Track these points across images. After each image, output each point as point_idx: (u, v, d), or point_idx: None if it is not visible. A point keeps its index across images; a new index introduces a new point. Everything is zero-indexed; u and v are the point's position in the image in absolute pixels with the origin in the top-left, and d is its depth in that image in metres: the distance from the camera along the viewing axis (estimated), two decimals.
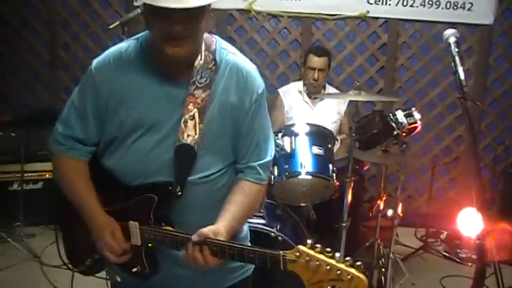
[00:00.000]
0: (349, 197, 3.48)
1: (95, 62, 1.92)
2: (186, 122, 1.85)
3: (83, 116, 1.92)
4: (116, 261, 1.93)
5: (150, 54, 1.88)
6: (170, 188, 1.86)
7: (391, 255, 3.69)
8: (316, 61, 4.27)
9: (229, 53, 1.94)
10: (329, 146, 3.60)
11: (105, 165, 1.96)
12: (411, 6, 4.92)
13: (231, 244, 1.75)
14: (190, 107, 1.85)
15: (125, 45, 1.94)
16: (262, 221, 3.25)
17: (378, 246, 4.00)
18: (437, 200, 5.21)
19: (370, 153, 3.77)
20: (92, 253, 2.03)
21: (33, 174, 4.76)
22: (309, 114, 4.34)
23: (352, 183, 3.48)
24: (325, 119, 4.26)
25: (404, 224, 4.38)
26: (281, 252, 1.68)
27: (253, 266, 2.12)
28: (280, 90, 4.54)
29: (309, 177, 3.44)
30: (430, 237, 4.90)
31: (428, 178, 5.09)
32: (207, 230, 1.76)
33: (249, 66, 1.96)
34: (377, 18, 5.02)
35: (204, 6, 1.73)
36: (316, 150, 3.49)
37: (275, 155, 3.41)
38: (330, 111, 4.38)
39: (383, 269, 3.87)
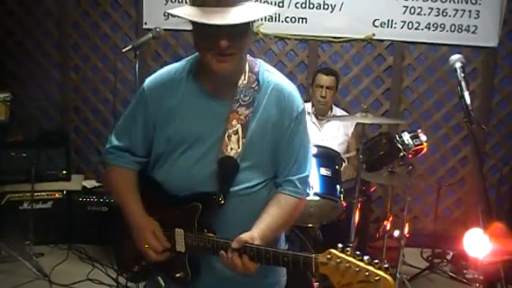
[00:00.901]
0: (356, 218, 3.51)
1: (147, 81, 2.09)
2: (229, 136, 1.98)
3: (133, 130, 2.10)
4: (156, 259, 2.04)
5: (198, 73, 2.02)
6: (214, 197, 1.96)
7: (397, 275, 3.72)
8: (324, 79, 4.36)
9: (271, 74, 2.08)
10: (336, 167, 3.65)
11: (154, 178, 2.10)
12: (416, 29, 4.98)
13: (266, 248, 1.84)
14: (234, 122, 1.98)
15: (175, 66, 2.09)
16: None
17: None
18: (443, 220, 5.24)
19: (376, 174, 3.82)
20: (139, 261, 2.13)
21: (43, 193, 4.82)
22: (317, 135, 4.40)
23: (359, 204, 3.52)
24: (332, 140, 4.32)
25: (411, 244, 4.40)
26: (313, 255, 1.75)
27: (282, 287, 2.21)
28: None
29: (317, 198, 3.49)
30: (436, 258, 4.91)
31: (434, 199, 5.12)
32: (245, 236, 1.86)
33: (290, 86, 2.09)
34: (382, 40, 5.08)
35: (247, 24, 1.84)
36: (324, 171, 3.54)
37: None
38: (337, 133, 4.44)
39: None
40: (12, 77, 5.41)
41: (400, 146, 3.61)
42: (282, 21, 5.07)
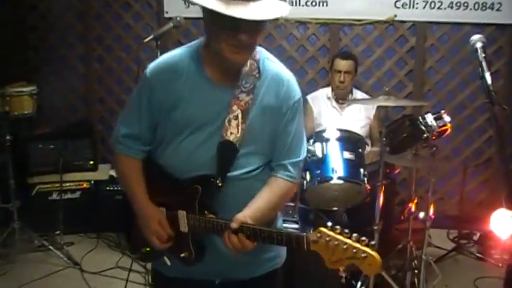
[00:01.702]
0: (381, 201, 3.52)
1: (149, 67, 2.12)
2: (229, 121, 2.03)
3: (138, 116, 2.13)
4: (161, 247, 2.13)
5: (202, 60, 2.06)
6: (212, 180, 2.03)
7: (423, 256, 3.72)
8: (342, 64, 4.35)
9: (271, 62, 2.12)
10: (360, 150, 3.65)
11: (158, 162, 2.16)
12: (439, 8, 4.92)
13: (262, 228, 1.93)
14: (235, 108, 2.03)
15: (177, 51, 2.12)
16: (296, 226, 3.34)
17: (411, 248, 4.01)
18: (469, 201, 5.21)
19: (400, 157, 3.80)
20: (147, 242, 2.20)
21: (71, 184, 4.91)
22: (338, 119, 4.40)
23: (383, 187, 3.52)
24: (354, 124, 4.32)
25: (437, 225, 4.38)
26: (305, 233, 1.84)
27: (283, 258, 2.30)
28: (309, 97, 4.60)
29: (341, 181, 3.50)
30: (463, 239, 4.89)
31: (459, 180, 5.10)
32: (240, 216, 1.95)
33: (288, 75, 2.14)
34: (404, 21, 5.03)
35: (265, 21, 1.88)
36: (347, 155, 3.55)
37: (307, 161, 3.52)
38: (359, 116, 4.43)
39: (416, 271, 3.89)
40: (37, 71, 5.52)
41: (423, 128, 3.58)
42: (303, 5, 5.05)
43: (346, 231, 1.78)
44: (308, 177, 3.55)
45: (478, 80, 2.29)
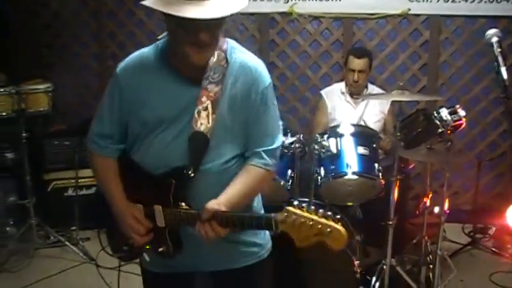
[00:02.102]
0: (395, 196, 3.51)
1: (119, 66, 2.14)
2: (199, 112, 2.03)
3: (111, 115, 2.14)
4: (140, 241, 2.14)
5: (169, 56, 2.06)
6: (184, 171, 2.04)
7: (438, 251, 3.70)
8: (356, 63, 4.31)
9: (239, 52, 2.13)
10: (374, 145, 3.64)
11: (132, 159, 2.17)
12: (453, 1, 4.89)
13: (233, 213, 1.96)
14: (204, 99, 2.03)
15: (145, 50, 2.14)
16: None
17: (425, 243, 4.00)
18: (484, 195, 5.18)
19: (415, 151, 3.78)
20: (127, 240, 2.21)
21: (87, 180, 4.92)
22: (352, 114, 4.39)
23: (397, 182, 3.51)
24: (368, 119, 4.32)
25: (452, 220, 4.37)
26: (273, 214, 1.86)
27: (269, 250, 2.32)
28: (323, 92, 4.59)
29: (355, 177, 3.50)
30: (478, 233, 4.87)
31: (474, 174, 5.07)
32: (211, 204, 1.96)
33: (256, 63, 2.14)
34: (418, 15, 5.01)
35: (224, 17, 1.87)
36: (361, 150, 3.55)
37: (321, 156, 3.52)
38: (373, 111, 4.42)
39: (431, 266, 3.88)
40: (51, 68, 5.55)
41: (438, 122, 3.56)
42: (316, 0, 5.06)
43: (313, 207, 1.79)
44: (322, 172, 3.55)
45: (492, 73, 2.29)
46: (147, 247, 2.19)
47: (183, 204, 2.06)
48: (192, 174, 2.04)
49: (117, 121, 2.14)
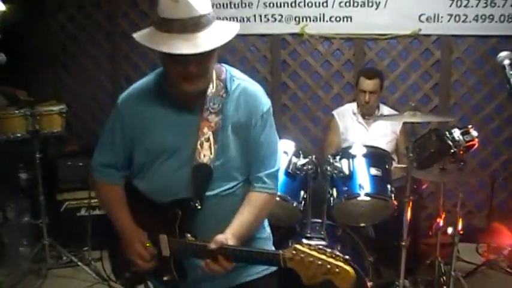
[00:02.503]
0: (408, 216, 3.50)
1: (121, 97, 2.17)
2: (202, 144, 2.06)
3: (113, 145, 2.17)
4: (145, 266, 2.15)
5: (167, 86, 2.08)
6: (191, 203, 2.05)
7: (452, 272, 3.68)
8: (367, 84, 4.33)
9: (238, 79, 2.16)
10: (386, 166, 3.64)
11: (137, 187, 2.19)
12: (464, 21, 4.88)
13: (240, 249, 1.99)
14: (205, 130, 2.06)
15: (145, 80, 2.17)
16: (323, 243, 3.34)
17: (439, 263, 3.98)
18: (498, 214, 5.14)
19: (427, 171, 3.78)
20: (129, 267, 2.22)
21: None
22: (364, 135, 4.40)
23: (410, 203, 3.50)
24: (380, 139, 4.31)
25: (466, 240, 4.36)
26: (280, 251, 1.88)
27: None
28: (335, 113, 4.60)
29: (368, 198, 3.50)
30: (492, 253, 4.82)
31: (488, 193, 5.04)
32: (220, 237, 1.97)
33: (255, 88, 2.17)
34: (429, 35, 5.02)
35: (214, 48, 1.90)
36: (374, 171, 3.55)
37: (333, 177, 3.53)
38: (385, 131, 4.42)
39: (445, 287, 3.86)
40: (67, 89, 5.65)
41: (450, 143, 3.56)
42: (327, 21, 5.07)
43: (321, 247, 1.82)
44: (335, 193, 3.55)
45: (505, 91, 2.29)
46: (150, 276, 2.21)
47: (189, 235, 2.07)
48: (199, 207, 2.06)
49: (119, 151, 2.17)
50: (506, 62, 2.35)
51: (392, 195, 3.54)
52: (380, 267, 3.89)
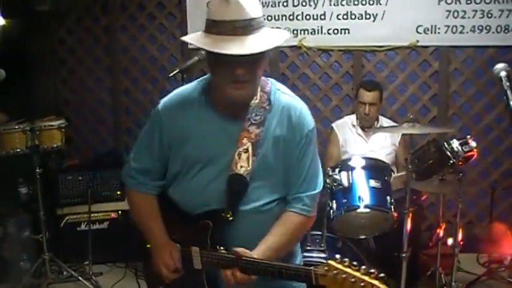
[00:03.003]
0: (408, 227, 3.50)
1: (162, 102, 2.15)
2: (239, 154, 2.02)
3: (150, 151, 2.14)
4: (169, 276, 2.12)
5: (211, 95, 2.06)
6: (223, 214, 2.02)
7: (453, 284, 3.68)
8: (367, 96, 4.34)
9: (282, 94, 2.12)
10: (386, 178, 3.66)
11: (171, 198, 2.16)
12: (461, 32, 4.91)
13: (270, 263, 1.93)
14: (245, 141, 2.02)
15: (188, 87, 2.15)
16: (323, 255, 3.34)
17: (440, 274, 3.98)
18: (499, 224, 5.13)
19: (427, 183, 3.79)
20: (162, 280, 2.19)
21: (99, 214, 4.96)
22: (364, 147, 4.40)
23: (410, 214, 3.50)
24: (380, 151, 4.32)
25: (467, 250, 4.35)
26: (313, 267, 1.82)
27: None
28: (334, 125, 4.61)
29: (368, 210, 3.51)
30: (494, 263, 4.81)
31: (488, 203, 5.03)
32: (245, 250, 1.94)
33: (301, 105, 2.12)
34: (427, 46, 5.04)
35: (263, 53, 1.87)
36: (373, 183, 3.56)
37: (333, 189, 3.53)
38: (385, 143, 4.42)
39: None
40: (66, 103, 5.67)
41: (449, 154, 3.58)
42: (325, 33, 5.10)
43: (355, 263, 1.76)
44: (334, 206, 3.56)
45: (504, 101, 2.30)
46: None
47: (221, 248, 2.02)
48: (231, 218, 2.02)
49: (156, 157, 2.14)
50: (503, 73, 2.36)
51: (392, 206, 3.55)
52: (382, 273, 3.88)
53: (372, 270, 1.73)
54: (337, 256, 1.80)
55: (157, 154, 2.13)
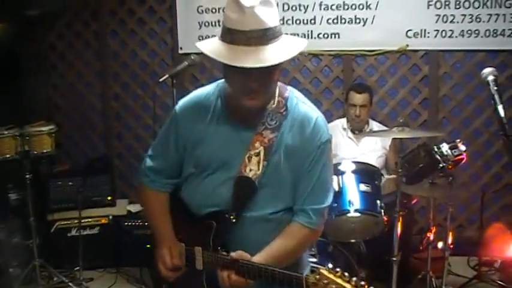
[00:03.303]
0: (399, 231, 3.50)
1: (179, 104, 2.16)
2: (250, 157, 2.01)
3: (165, 151, 2.17)
4: (165, 274, 2.14)
5: (227, 100, 2.06)
6: (226, 215, 2.01)
7: (443, 287, 3.69)
8: (357, 98, 4.36)
9: (300, 102, 2.10)
10: (376, 182, 3.67)
11: (181, 197, 2.18)
12: (450, 37, 4.93)
13: (264, 266, 1.91)
14: (257, 144, 2.01)
15: (205, 90, 2.15)
16: (314, 260, 3.34)
17: (430, 278, 3.99)
18: (489, 227, 5.15)
19: (417, 186, 3.80)
20: (165, 279, 2.21)
21: (90, 220, 4.95)
22: (354, 150, 4.41)
23: (400, 218, 3.51)
24: (370, 154, 4.34)
25: (457, 253, 4.36)
26: (305, 275, 1.82)
27: None
28: None
29: (358, 214, 3.52)
30: (484, 266, 4.82)
31: (478, 206, 5.05)
32: (244, 253, 1.94)
33: (317, 115, 2.09)
34: (417, 50, 5.06)
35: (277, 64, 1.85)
36: (363, 187, 3.57)
37: None
38: (375, 146, 4.44)
39: None
40: (57, 109, 5.66)
41: (439, 158, 3.58)
42: (315, 38, 5.11)
43: (346, 274, 1.74)
44: None
45: (493, 105, 2.31)
46: None
47: (221, 249, 2.02)
48: (234, 220, 2.01)
49: (171, 158, 2.16)
50: (490, 78, 2.39)
51: (382, 211, 3.56)
52: (372, 283, 3.88)
53: (363, 283, 1.72)
54: (330, 265, 1.79)
55: (173, 154, 2.15)
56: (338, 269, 1.77)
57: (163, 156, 2.19)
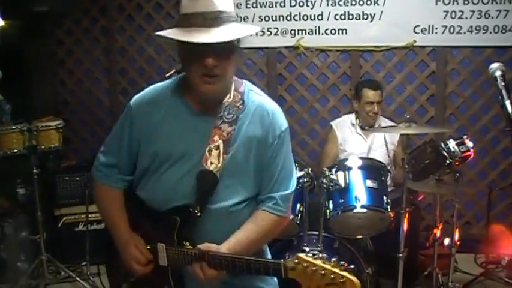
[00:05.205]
0: (405, 228, 3.50)
1: (134, 98, 2.15)
2: (210, 150, 2.02)
3: (119, 146, 2.14)
4: (142, 271, 2.09)
5: (184, 91, 2.07)
6: (190, 209, 2.01)
7: (450, 284, 3.68)
8: (373, 95, 4.35)
9: (256, 94, 2.14)
10: (382, 178, 3.66)
11: (139, 195, 2.15)
12: (458, 33, 4.92)
13: (238, 257, 1.91)
14: (216, 138, 2.03)
15: (162, 84, 2.16)
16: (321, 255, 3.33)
17: (437, 275, 3.98)
18: (496, 224, 5.13)
19: (424, 183, 3.79)
20: (127, 278, 2.19)
21: (97, 215, 4.90)
22: (363, 145, 4.40)
23: (407, 214, 3.51)
24: (378, 150, 4.32)
25: (464, 250, 4.35)
26: (282, 260, 1.81)
27: None
28: (333, 123, 4.60)
29: (364, 210, 3.51)
30: (491, 263, 4.81)
31: (485, 203, 5.03)
32: (211, 245, 1.94)
33: (274, 106, 2.14)
34: (424, 47, 5.05)
35: (233, 44, 1.92)
36: (370, 183, 3.56)
37: (329, 190, 3.53)
38: (383, 142, 4.41)
39: None
40: (65, 104, 5.68)
41: (446, 154, 3.57)
42: (322, 34, 5.11)
43: (325, 255, 1.75)
44: (331, 206, 3.56)
45: (500, 102, 2.29)
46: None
47: (188, 244, 2.01)
48: (199, 214, 2.01)
49: (125, 152, 2.14)
50: (498, 73, 2.37)
51: (389, 207, 3.55)
52: (378, 279, 3.88)
53: (342, 262, 1.71)
54: (306, 249, 1.79)
55: (126, 150, 2.13)
56: (316, 252, 1.78)
57: (116, 152, 2.16)
